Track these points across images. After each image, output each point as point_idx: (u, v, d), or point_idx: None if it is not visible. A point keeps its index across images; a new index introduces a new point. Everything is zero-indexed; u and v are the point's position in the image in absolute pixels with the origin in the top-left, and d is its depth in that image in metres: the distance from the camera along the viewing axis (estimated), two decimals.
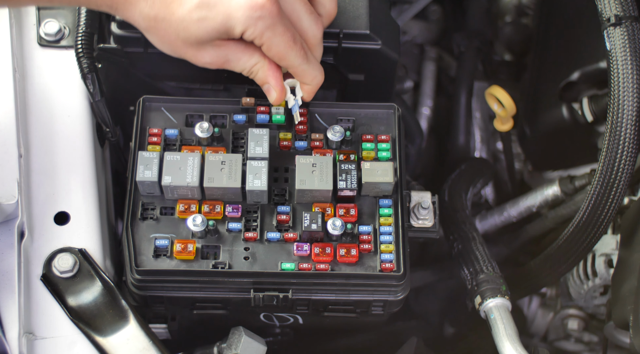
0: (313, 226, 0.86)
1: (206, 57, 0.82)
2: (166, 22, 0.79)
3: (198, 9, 0.78)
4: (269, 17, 0.78)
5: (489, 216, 1.28)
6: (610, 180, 0.92)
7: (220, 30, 0.79)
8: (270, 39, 0.80)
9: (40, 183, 0.90)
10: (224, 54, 0.82)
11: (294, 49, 0.81)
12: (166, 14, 0.78)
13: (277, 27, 0.79)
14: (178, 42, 0.81)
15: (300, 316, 0.94)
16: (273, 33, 0.79)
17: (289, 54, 0.82)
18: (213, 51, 0.82)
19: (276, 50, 0.81)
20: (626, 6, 0.90)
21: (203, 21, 0.78)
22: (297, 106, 0.89)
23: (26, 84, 0.95)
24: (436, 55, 1.44)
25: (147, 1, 0.79)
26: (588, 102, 1.14)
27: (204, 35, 0.79)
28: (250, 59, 0.83)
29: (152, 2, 0.79)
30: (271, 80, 0.85)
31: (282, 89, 0.86)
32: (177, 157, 0.87)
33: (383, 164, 0.89)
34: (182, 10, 0.78)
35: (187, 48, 0.82)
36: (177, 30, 0.79)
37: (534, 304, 1.33)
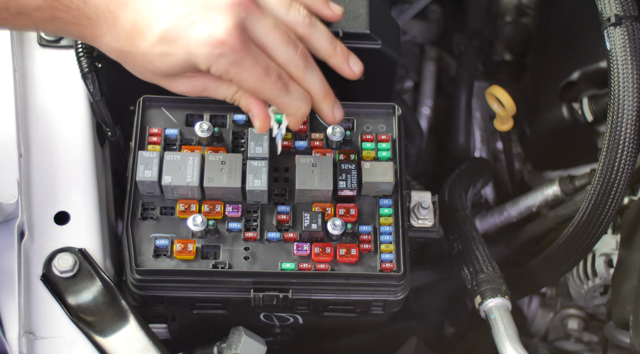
0: (313, 225, 0.86)
1: (181, 87, 0.79)
2: (132, 55, 0.76)
3: (159, 44, 0.74)
4: (231, 53, 0.73)
5: (489, 216, 1.28)
6: (610, 180, 0.92)
7: (184, 66, 0.75)
8: (237, 74, 0.75)
9: (40, 183, 0.90)
10: (200, 84, 0.79)
11: (266, 83, 0.76)
12: (131, 48, 0.76)
13: (243, 63, 0.74)
14: (148, 74, 0.79)
15: (300, 316, 0.94)
16: (239, 69, 0.75)
17: (261, 88, 0.77)
18: (187, 82, 0.78)
19: (247, 85, 0.77)
20: (626, 6, 0.90)
21: (165, 56, 0.75)
22: (280, 135, 0.86)
23: (26, 84, 0.95)
24: (436, 55, 1.44)
25: (112, 34, 0.76)
26: (588, 102, 1.14)
27: (169, 69, 0.76)
28: (229, 88, 0.80)
29: (117, 36, 0.76)
30: (253, 109, 0.81)
31: (266, 117, 0.82)
32: (177, 157, 0.87)
33: (383, 164, 0.89)
34: (144, 44, 0.75)
35: (159, 79, 0.79)
36: (143, 64, 0.77)
37: (534, 304, 1.33)
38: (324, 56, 0.83)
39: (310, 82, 0.80)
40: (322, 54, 0.82)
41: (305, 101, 0.80)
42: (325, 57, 0.83)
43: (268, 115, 0.82)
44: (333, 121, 0.84)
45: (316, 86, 0.81)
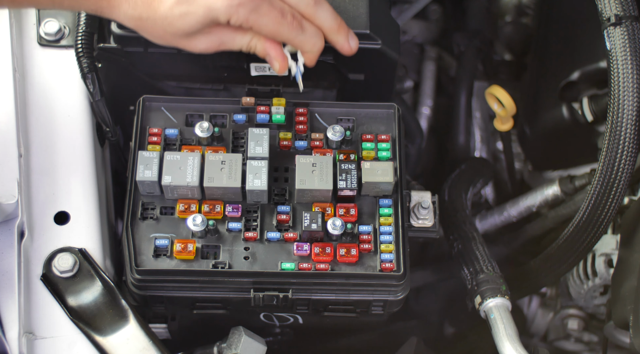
0: (313, 225, 0.86)
1: (200, 45, 0.83)
2: (151, 21, 0.80)
3: (178, 5, 0.78)
4: (248, 1, 0.78)
5: (489, 216, 1.28)
6: (610, 180, 0.92)
7: (204, 22, 0.80)
8: (257, 20, 0.80)
9: (40, 183, 0.90)
10: (217, 38, 0.83)
11: (283, 24, 0.81)
12: (149, 14, 0.79)
13: (260, 9, 0.79)
14: (167, 36, 0.82)
15: (300, 316, 0.94)
16: (258, 15, 0.79)
17: (279, 30, 0.81)
18: (205, 38, 0.82)
19: (266, 30, 0.81)
20: (626, 6, 0.90)
21: (186, 16, 0.79)
22: (300, 72, 0.89)
23: (26, 84, 0.95)
24: (436, 55, 1.44)
25: (129, 3, 0.80)
26: (588, 102, 1.14)
27: (190, 28, 0.80)
28: (245, 37, 0.84)
29: (135, 3, 0.79)
30: (271, 51, 0.85)
31: (284, 57, 0.86)
32: (177, 157, 0.87)
33: (383, 164, 0.89)
34: (163, 8, 0.79)
35: (178, 40, 0.82)
36: (163, 27, 0.80)
37: (534, 304, 1.33)
38: (328, 32, 0.86)
39: (322, 17, 0.85)
40: (326, 30, 0.86)
41: (320, 37, 0.85)
42: (328, 33, 0.86)
43: (285, 55, 0.86)
44: (349, 50, 0.88)
45: (328, 21, 0.85)
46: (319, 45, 0.86)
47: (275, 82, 0.96)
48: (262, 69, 0.95)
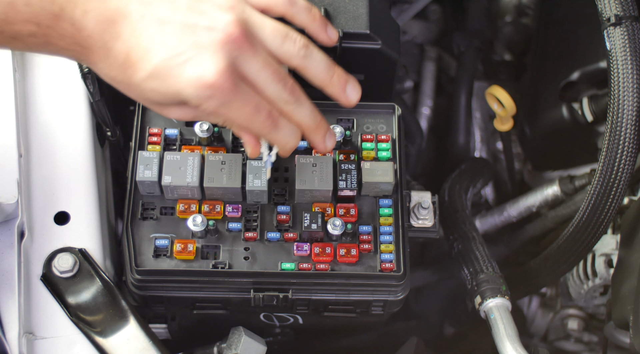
0: (313, 226, 0.86)
1: (173, 114, 0.79)
2: (125, 84, 0.76)
3: (151, 79, 0.74)
4: (220, 95, 0.73)
5: (489, 216, 1.28)
6: (610, 180, 0.92)
7: (175, 101, 0.75)
8: (227, 113, 0.75)
9: (40, 183, 0.90)
10: (191, 113, 0.78)
11: (256, 120, 0.76)
12: (123, 78, 0.76)
13: (232, 103, 0.74)
14: (142, 101, 0.79)
15: (300, 316, 0.94)
16: (229, 109, 0.75)
17: (251, 125, 0.77)
18: (179, 110, 0.78)
19: (237, 122, 0.77)
20: (626, 6, 0.90)
21: (157, 90, 0.75)
22: (270, 162, 0.86)
23: (26, 84, 0.95)
24: (436, 55, 1.44)
25: (105, 63, 0.76)
26: (588, 102, 1.14)
27: (162, 101, 0.76)
28: (218, 118, 0.79)
29: (110, 65, 0.76)
30: (244, 137, 0.82)
31: (257, 144, 0.83)
32: (177, 157, 0.87)
33: (383, 164, 0.89)
34: (136, 78, 0.75)
35: (152, 107, 0.79)
36: (136, 93, 0.77)
37: (534, 304, 1.33)
38: (320, 86, 0.82)
39: (300, 116, 0.80)
40: (318, 84, 0.82)
41: (294, 135, 0.80)
42: (321, 86, 0.82)
43: (258, 142, 0.83)
44: (324, 150, 0.83)
45: (306, 120, 0.80)
46: (293, 144, 0.80)
47: None
48: None
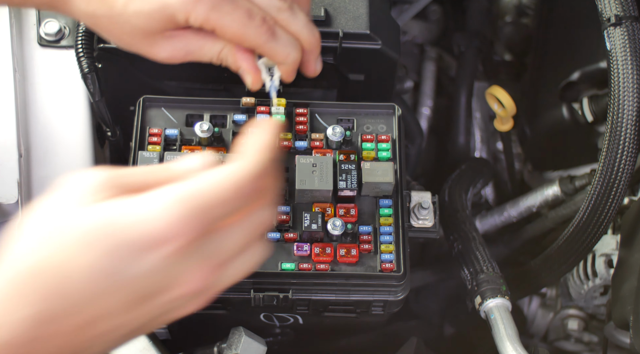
0: (313, 226, 0.86)
1: (162, 52, 0.74)
2: (106, 19, 0.71)
3: (132, 1, 0.69)
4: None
5: (489, 216, 1.28)
6: (611, 180, 0.92)
7: (162, 20, 0.70)
8: (219, 19, 0.69)
9: (40, 183, 0.90)
10: (182, 46, 0.73)
11: (250, 26, 0.70)
12: (104, 10, 0.71)
13: (222, 7, 0.69)
14: (125, 38, 0.73)
15: (300, 316, 0.94)
16: (219, 13, 0.69)
17: (246, 33, 0.71)
18: (167, 44, 0.73)
19: (230, 31, 0.70)
20: (626, 6, 0.90)
21: (140, 13, 0.69)
22: (274, 87, 0.81)
23: (26, 84, 0.95)
24: (436, 55, 1.44)
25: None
26: (588, 102, 1.14)
27: (147, 27, 0.71)
28: (214, 45, 0.74)
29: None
30: (242, 64, 0.76)
31: (257, 70, 0.76)
32: (177, 157, 0.87)
33: (383, 164, 0.89)
34: (118, 4, 0.70)
35: (138, 43, 0.73)
36: (119, 26, 0.71)
37: (534, 304, 1.33)
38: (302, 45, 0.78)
39: (297, 26, 0.75)
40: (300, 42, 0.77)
41: (295, 47, 0.74)
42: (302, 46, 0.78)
43: (258, 68, 0.77)
44: (314, 72, 0.79)
45: (304, 31, 0.75)
46: (294, 56, 0.75)
47: None
48: None
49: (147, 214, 0.54)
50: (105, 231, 0.54)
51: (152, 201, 0.54)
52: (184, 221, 0.54)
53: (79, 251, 0.54)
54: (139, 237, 0.54)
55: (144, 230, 0.53)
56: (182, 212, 0.54)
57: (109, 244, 0.54)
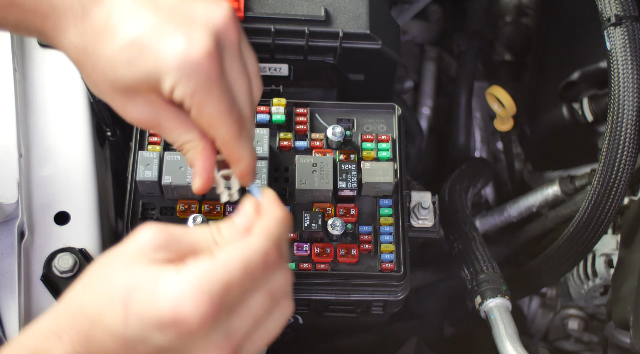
0: (313, 226, 0.86)
1: (135, 111, 0.70)
2: (94, 58, 0.68)
3: (129, 48, 0.66)
4: (204, 75, 0.65)
5: (489, 216, 1.28)
6: (611, 180, 0.92)
7: (149, 78, 0.66)
8: (202, 100, 0.67)
9: (40, 183, 0.90)
10: (156, 116, 0.70)
11: (228, 119, 0.68)
12: (95, 48, 0.67)
13: (212, 90, 0.67)
14: (105, 86, 0.69)
15: (301, 316, 0.94)
16: (206, 95, 0.67)
17: (221, 123, 0.68)
18: (144, 107, 0.69)
19: (208, 115, 0.68)
20: (626, 6, 0.90)
21: (132, 64, 0.66)
22: (230, 198, 0.76)
23: (26, 84, 0.95)
24: (436, 55, 1.44)
25: (77, 29, 0.68)
26: (588, 102, 1.14)
27: (131, 80, 0.67)
28: (185, 134, 0.71)
29: (84, 32, 0.68)
30: (198, 165, 0.72)
31: (209, 179, 0.72)
32: (177, 157, 0.87)
33: (383, 164, 0.89)
34: (112, 46, 0.66)
35: (114, 95, 0.69)
36: (104, 70, 0.68)
37: (534, 304, 1.33)
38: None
39: (252, 134, 0.74)
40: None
41: (252, 157, 0.73)
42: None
43: (212, 178, 0.73)
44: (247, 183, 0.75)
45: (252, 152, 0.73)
46: (247, 163, 0.72)
47: (275, 82, 0.96)
48: (262, 69, 0.95)
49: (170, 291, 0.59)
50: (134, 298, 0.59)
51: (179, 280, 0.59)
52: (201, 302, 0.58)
53: (109, 308, 0.60)
54: (160, 312, 0.59)
55: (165, 307, 0.58)
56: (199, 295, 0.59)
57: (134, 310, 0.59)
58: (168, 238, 0.63)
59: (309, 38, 0.92)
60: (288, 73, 0.97)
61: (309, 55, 0.94)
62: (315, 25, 0.92)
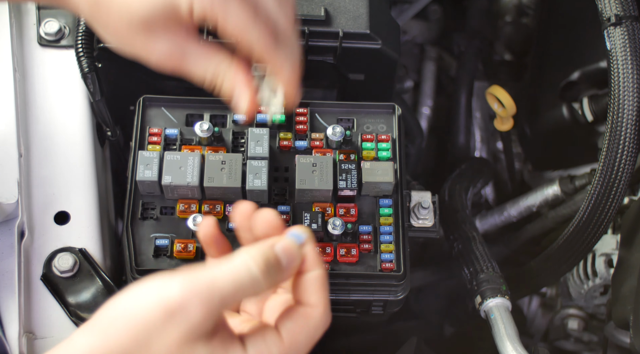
0: (313, 225, 0.86)
1: (158, 47, 0.69)
2: (107, 4, 0.68)
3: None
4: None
5: (489, 216, 1.28)
6: (611, 180, 0.92)
7: (164, 6, 0.66)
8: (222, 12, 0.65)
9: (40, 183, 0.90)
10: (180, 48, 0.69)
11: (255, 23, 0.67)
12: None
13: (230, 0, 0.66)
14: (123, 29, 0.68)
15: None
16: (225, 5, 0.65)
17: (250, 28, 0.67)
18: (166, 40, 0.68)
19: (234, 22, 0.66)
20: (626, 6, 0.90)
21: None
22: (276, 109, 0.77)
23: (26, 84, 0.95)
24: (436, 55, 1.44)
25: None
26: (588, 102, 1.14)
27: (148, 13, 0.67)
28: (213, 59, 0.70)
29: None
30: (239, 80, 0.71)
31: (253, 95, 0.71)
32: (177, 156, 0.87)
33: (383, 164, 0.89)
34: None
35: (134, 36, 0.68)
36: (119, 13, 0.67)
37: (534, 304, 1.33)
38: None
39: (295, 45, 0.71)
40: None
41: (296, 57, 0.70)
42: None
43: (255, 88, 0.71)
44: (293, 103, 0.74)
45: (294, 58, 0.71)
46: (295, 64, 0.70)
47: None
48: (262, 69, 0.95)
49: None
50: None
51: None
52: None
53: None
54: None
55: None
56: None
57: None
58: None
59: (309, 38, 0.92)
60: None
61: (309, 55, 0.94)
62: (315, 25, 0.92)
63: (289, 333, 0.64)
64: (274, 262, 0.63)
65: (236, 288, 0.61)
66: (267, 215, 0.68)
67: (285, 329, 0.64)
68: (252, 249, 0.63)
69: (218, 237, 0.71)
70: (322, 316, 0.66)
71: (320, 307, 0.66)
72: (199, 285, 0.60)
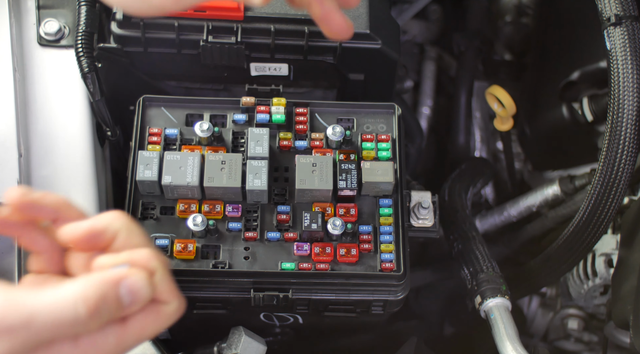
0: (313, 225, 0.86)
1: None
2: None
3: None
4: None
5: (489, 216, 1.28)
6: (610, 180, 0.92)
7: None
8: None
9: (40, 183, 0.90)
10: None
11: None
12: None
13: None
14: None
15: (300, 316, 0.94)
16: None
17: None
18: None
19: None
20: (626, 6, 0.90)
21: None
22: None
23: (26, 84, 0.95)
24: (436, 55, 1.44)
25: None
26: (588, 102, 1.14)
27: None
28: None
29: None
30: None
31: None
32: (177, 156, 0.87)
33: (383, 164, 0.89)
34: None
35: None
36: None
37: (534, 304, 1.33)
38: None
39: None
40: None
41: None
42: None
43: None
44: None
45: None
46: None
47: (275, 82, 0.96)
48: (262, 69, 0.95)
49: None
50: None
51: None
52: None
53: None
54: None
55: None
56: None
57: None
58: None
59: (308, 38, 0.93)
60: (288, 73, 0.97)
61: (309, 55, 0.94)
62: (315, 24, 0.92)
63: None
64: (111, 302, 0.56)
65: (55, 328, 0.54)
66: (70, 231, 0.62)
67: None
68: (90, 281, 0.55)
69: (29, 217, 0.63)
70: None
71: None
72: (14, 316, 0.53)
